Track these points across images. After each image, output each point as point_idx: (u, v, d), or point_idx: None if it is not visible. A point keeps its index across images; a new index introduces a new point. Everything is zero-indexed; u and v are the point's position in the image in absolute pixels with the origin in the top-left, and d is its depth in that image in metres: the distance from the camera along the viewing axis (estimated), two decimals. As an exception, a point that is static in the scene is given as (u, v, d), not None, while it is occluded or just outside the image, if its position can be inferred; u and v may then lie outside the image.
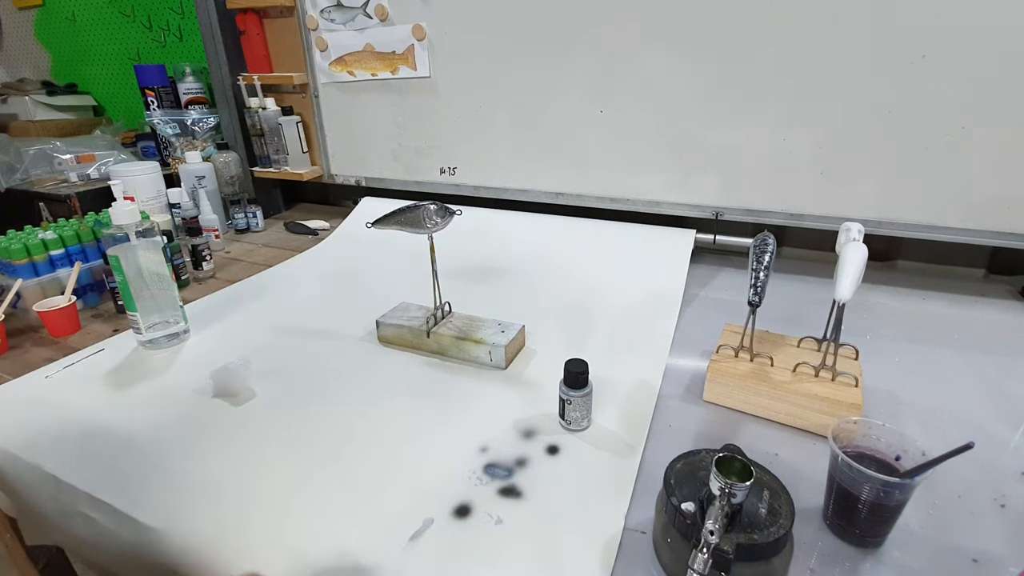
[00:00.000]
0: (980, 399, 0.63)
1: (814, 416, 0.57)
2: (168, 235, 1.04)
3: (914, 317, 0.82)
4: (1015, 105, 0.75)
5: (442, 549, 0.45)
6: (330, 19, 1.15)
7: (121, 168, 1.23)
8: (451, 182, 1.20)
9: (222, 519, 0.49)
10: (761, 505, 0.40)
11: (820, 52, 0.81)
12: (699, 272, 0.96)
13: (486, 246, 1.06)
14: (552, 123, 1.05)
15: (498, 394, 0.66)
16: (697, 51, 0.89)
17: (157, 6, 1.74)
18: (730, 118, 0.91)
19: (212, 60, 1.30)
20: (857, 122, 0.83)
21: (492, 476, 0.53)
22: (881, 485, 0.42)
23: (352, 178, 1.32)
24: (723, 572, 0.37)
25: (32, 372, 0.73)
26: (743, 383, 0.60)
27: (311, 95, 1.28)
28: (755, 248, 0.60)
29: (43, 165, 1.50)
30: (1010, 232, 0.81)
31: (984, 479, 0.51)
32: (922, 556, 0.44)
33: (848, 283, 0.54)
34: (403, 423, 0.61)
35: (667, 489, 0.43)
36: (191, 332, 0.82)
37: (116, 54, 1.92)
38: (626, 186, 1.03)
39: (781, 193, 0.92)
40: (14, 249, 0.85)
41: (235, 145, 1.37)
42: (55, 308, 0.82)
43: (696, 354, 0.72)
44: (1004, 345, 0.74)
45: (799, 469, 0.52)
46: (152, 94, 1.58)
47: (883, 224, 0.86)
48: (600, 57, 0.96)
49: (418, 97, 1.15)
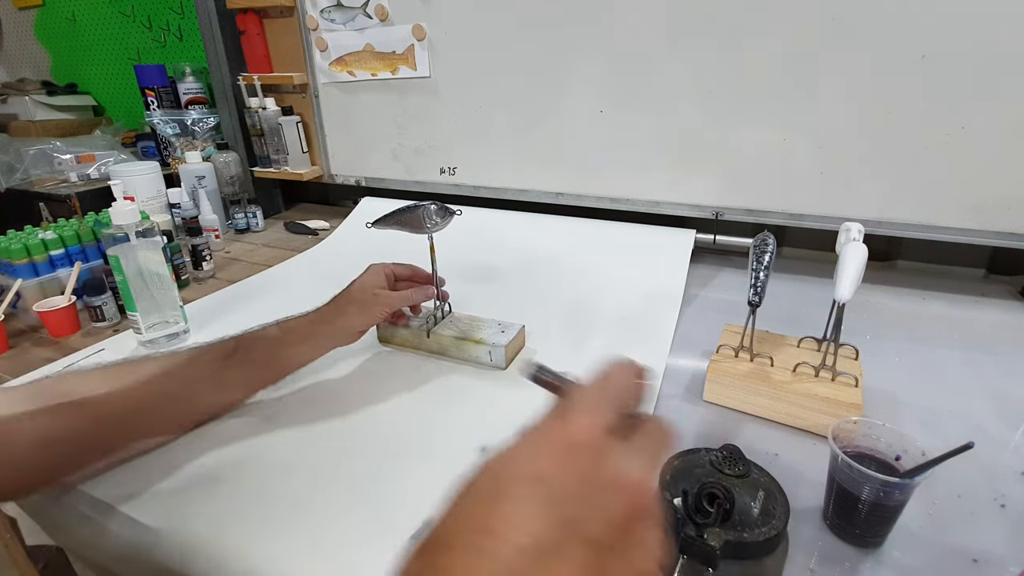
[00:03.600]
0: (980, 399, 0.63)
1: (814, 416, 0.57)
2: (168, 235, 1.04)
3: (914, 317, 0.82)
4: (1015, 105, 0.74)
5: (442, 549, 0.45)
6: (330, 19, 1.15)
7: (121, 168, 1.23)
8: (451, 182, 1.20)
9: (222, 519, 0.49)
10: (754, 505, 0.41)
11: (820, 52, 0.81)
12: (699, 272, 0.96)
13: (486, 246, 1.06)
14: (552, 123, 1.05)
15: (498, 394, 0.66)
16: (697, 51, 0.89)
17: (157, 6, 1.74)
18: (730, 118, 0.91)
19: (212, 60, 1.30)
20: (857, 122, 0.83)
21: (492, 476, 0.53)
22: (881, 485, 0.42)
23: (352, 178, 1.32)
24: (710, 567, 0.37)
25: (32, 372, 0.73)
26: (743, 383, 0.60)
27: (311, 95, 1.28)
28: (755, 248, 0.60)
29: (43, 165, 1.50)
30: (1010, 232, 0.80)
31: (984, 479, 0.51)
32: (922, 556, 0.44)
33: (848, 283, 0.54)
34: (403, 423, 0.61)
35: (661, 484, 0.43)
36: (191, 332, 0.82)
37: (116, 54, 1.92)
38: (626, 186, 1.03)
39: (781, 193, 0.92)
40: (14, 249, 0.85)
41: (235, 145, 1.37)
42: (55, 308, 0.82)
43: (696, 354, 0.72)
44: (1004, 345, 0.74)
45: (799, 469, 0.52)
46: (152, 94, 1.58)
47: (883, 224, 0.86)
48: (600, 57, 0.96)
49: (418, 97, 1.15)
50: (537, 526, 0.19)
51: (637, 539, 0.21)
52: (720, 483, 0.41)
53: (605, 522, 0.20)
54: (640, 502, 0.21)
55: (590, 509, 0.20)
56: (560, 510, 0.20)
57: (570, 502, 0.20)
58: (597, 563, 0.20)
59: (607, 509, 0.21)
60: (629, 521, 0.21)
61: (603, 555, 0.20)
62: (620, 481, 0.21)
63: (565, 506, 0.20)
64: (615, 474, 0.21)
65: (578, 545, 0.20)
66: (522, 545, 0.19)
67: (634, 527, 0.21)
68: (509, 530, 0.19)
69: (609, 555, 0.20)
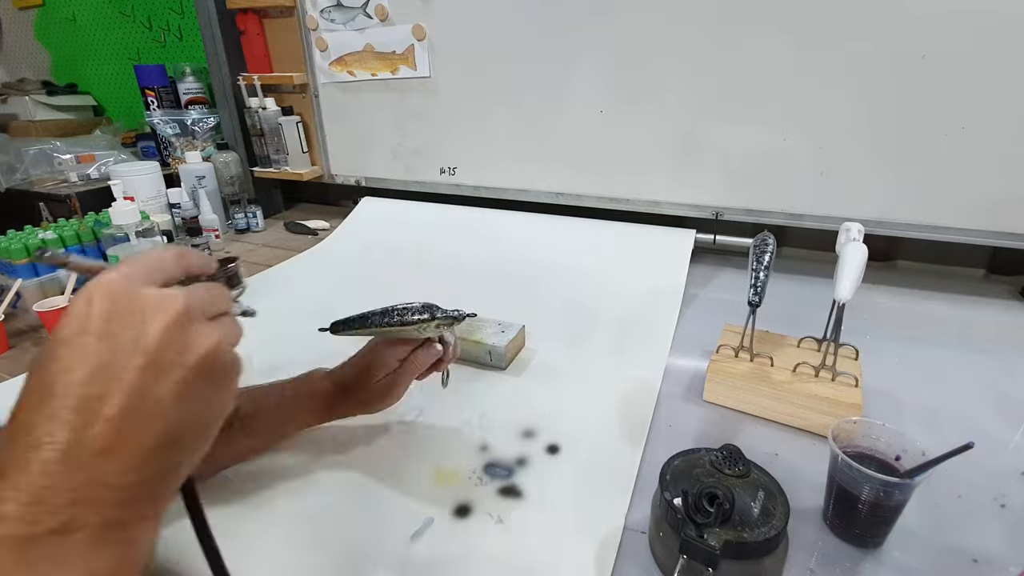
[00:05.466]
0: (980, 399, 0.63)
1: (814, 416, 0.57)
2: (168, 235, 1.04)
3: (914, 317, 0.82)
4: (1015, 105, 0.75)
5: (442, 549, 0.45)
6: (330, 19, 1.15)
7: (121, 168, 1.23)
8: (451, 182, 1.20)
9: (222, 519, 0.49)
10: (754, 505, 0.41)
11: (820, 52, 0.81)
12: (699, 272, 0.96)
13: (486, 246, 1.06)
14: (552, 123, 1.05)
15: (498, 394, 0.66)
16: (697, 51, 0.89)
17: (157, 6, 1.74)
18: (730, 118, 0.91)
19: (212, 60, 1.30)
20: (857, 122, 0.83)
21: (492, 476, 0.53)
22: (881, 485, 0.42)
23: (352, 178, 1.32)
24: (710, 567, 0.37)
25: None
26: (743, 383, 0.60)
27: (311, 95, 1.28)
28: (755, 248, 0.60)
29: (43, 165, 1.50)
30: (1010, 232, 0.80)
31: (984, 479, 0.51)
32: (922, 556, 0.44)
33: (848, 283, 0.54)
34: (402, 422, 0.61)
35: (662, 484, 0.43)
36: (191, 332, 0.81)
37: (116, 54, 1.92)
38: (626, 186, 1.03)
39: (781, 193, 0.92)
40: (14, 249, 0.85)
41: (235, 145, 1.37)
42: (55, 308, 0.82)
43: (696, 354, 0.72)
44: (1004, 345, 0.74)
45: (799, 469, 0.52)
46: (152, 94, 1.58)
47: (883, 224, 0.86)
48: (600, 57, 0.96)
49: (418, 97, 1.15)
50: (86, 360, 0.23)
51: (180, 343, 0.24)
52: (720, 483, 0.41)
53: (148, 337, 0.24)
54: (175, 316, 0.24)
55: (129, 330, 0.23)
56: (100, 342, 0.23)
57: (109, 331, 0.23)
58: (152, 368, 0.23)
59: (144, 327, 0.24)
60: (167, 331, 0.24)
61: (156, 360, 0.23)
62: (150, 304, 0.24)
63: (104, 337, 0.23)
64: (142, 301, 0.24)
65: (128, 361, 0.23)
66: (71, 380, 0.22)
67: (172, 335, 0.24)
68: (60, 374, 0.23)
69: (163, 358, 0.24)
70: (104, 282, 0.24)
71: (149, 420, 0.23)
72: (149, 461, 0.24)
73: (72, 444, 0.22)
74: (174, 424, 0.24)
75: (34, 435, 0.22)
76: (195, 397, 0.25)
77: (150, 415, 0.23)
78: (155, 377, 0.23)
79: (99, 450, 0.22)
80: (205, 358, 0.25)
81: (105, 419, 0.22)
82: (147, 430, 0.23)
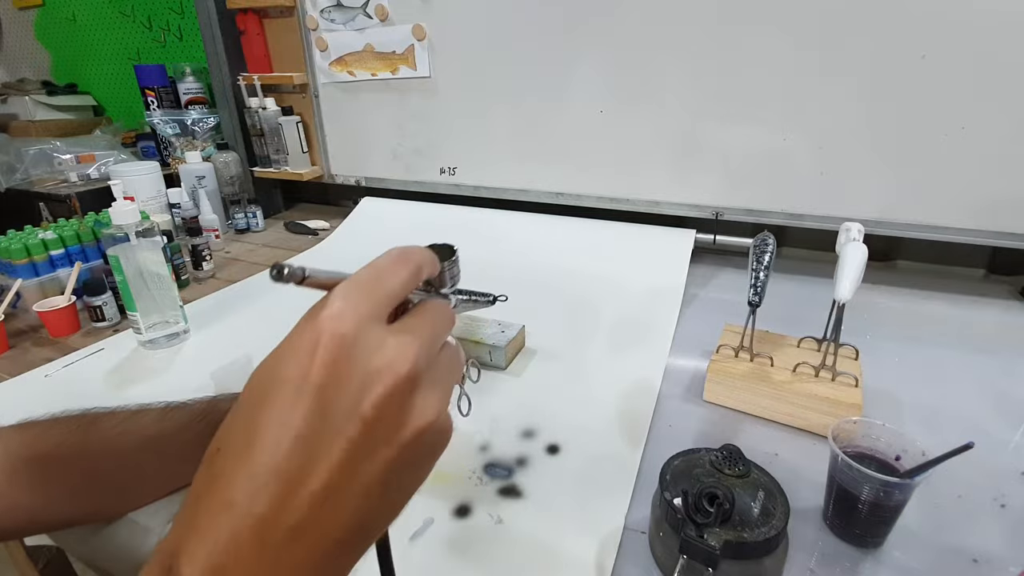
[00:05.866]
0: (980, 399, 0.63)
1: (814, 416, 0.57)
2: (168, 235, 1.04)
3: (914, 317, 0.82)
4: (1015, 105, 0.75)
5: (442, 549, 0.45)
6: (330, 19, 1.15)
7: (121, 168, 1.23)
8: (451, 182, 1.20)
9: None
10: (754, 505, 0.41)
11: (820, 52, 0.81)
12: (699, 272, 0.96)
13: (486, 246, 1.06)
14: (552, 123, 1.05)
15: (498, 394, 0.66)
16: (697, 51, 0.89)
17: (157, 6, 1.74)
18: (730, 118, 0.91)
19: (212, 60, 1.30)
20: (857, 122, 0.83)
21: (492, 476, 0.53)
22: (881, 485, 0.42)
23: (352, 178, 1.32)
24: (710, 567, 0.37)
25: (32, 371, 0.73)
26: (743, 383, 0.60)
27: (311, 95, 1.28)
28: (755, 248, 0.60)
29: (43, 165, 1.50)
30: (1010, 232, 0.80)
31: (984, 479, 0.51)
32: (922, 556, 0.44)
33: (848, 283, 0.54)
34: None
35: (662, 484, 0.43)
36: (191, 332, 0.82)
37: (116, 54, 1.92)
38: (626, 186, 1.03)
39: (781, 193, 0.92)
40: (14, 249, 0.85)
41: (235, 145, 1.37)
42: (55, 308, 0.82)
43: (696, 354, 0.72)
44: (1004, 345, 0.74)
45: (799, 469, 0.52)
46: (152, 94, 1.58)
47: (883, 224, 0.86)
48: (600, 57, 0.96)
49: (418, 97, 1.15)
50: (296, 419, 0.20)
51: (399, 416, 0.21)
52: (720, 483, 0.41)
53: (366, 404, 0.20)
54: (399, 381, 0.21)
55: (348, 394, 0.20)
56: (316, 400, 0.20)
57: (325, 391, 0.20)
58: (365, 443, 0.20)
59: (364, 392, 0.21)
60: (388, 399, 0.21)
61: (370, 434, 0.20)
62: (374, 363, 0.21)
63: (321, 396, 0.20)
64: (367, 356, 0.21)
65: (341, 429, 0.20)
66: (280, 439, 0.20)
67: (393, 404, 0.21)
68: (270, 428, 0.20)
69: (377, 433, 0.21)
70: (334, 322, 0.21)
71: (347, 503, 0.20)
72: (330, 558, 0.21)
73: (267, 521, 0.19)
74: (367, 513, 0.21)
75: (230, 494, 0.19)
76: (396, 483, 0.22)
77: (351, 497, 0.20)
78: (366, 453, 0.20)
79: (291, 527, 0.19)
80: (420, 434, 0.22)
81: (308, 493, 0.19)
82: (341, 517, 0.20)
